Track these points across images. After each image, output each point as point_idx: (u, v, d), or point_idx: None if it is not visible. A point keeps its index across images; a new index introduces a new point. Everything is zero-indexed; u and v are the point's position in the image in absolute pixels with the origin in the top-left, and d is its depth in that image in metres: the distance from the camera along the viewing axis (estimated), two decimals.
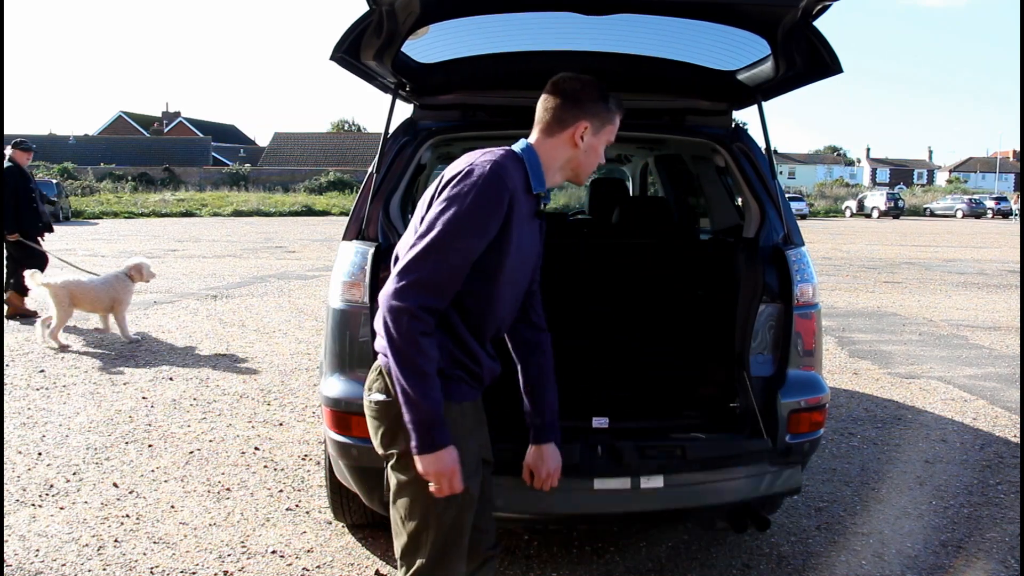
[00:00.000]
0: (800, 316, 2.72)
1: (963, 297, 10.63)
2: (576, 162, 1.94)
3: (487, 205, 1.75)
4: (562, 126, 1.90)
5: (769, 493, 2.57)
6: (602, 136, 1.94)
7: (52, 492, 3.64)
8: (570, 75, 1.94)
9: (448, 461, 1.76)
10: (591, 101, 1.91)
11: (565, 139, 1.91)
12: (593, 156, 1.95)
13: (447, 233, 1.73)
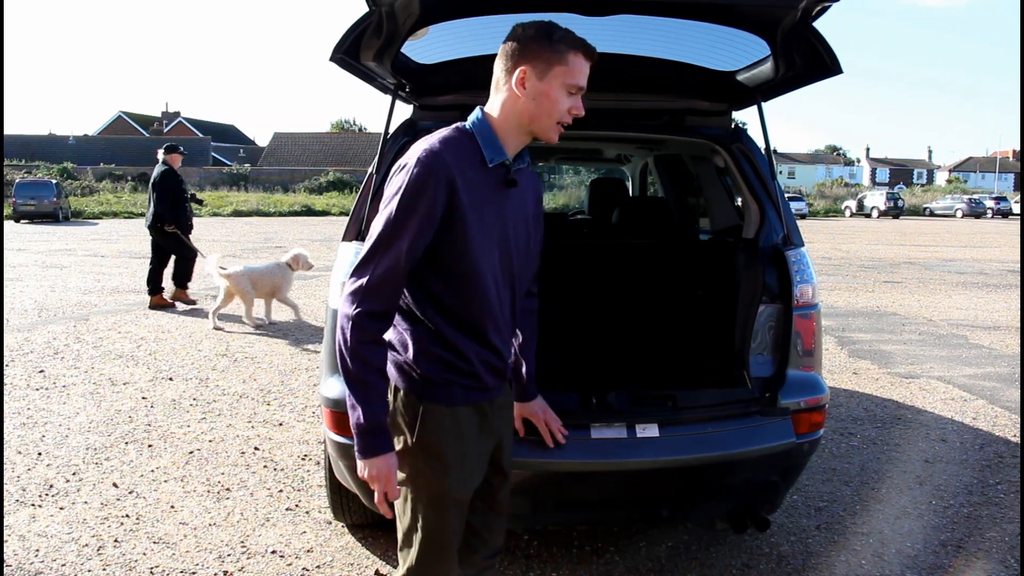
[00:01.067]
0: (800, 316, 2.72)
1: (963, 297, 10.64)
2: (527, 114, 1.74)
3: (413, 201, 1.67)
4: (506, 77, 1.75)
5: (764, 450, 2.55)
6: (552, 79, 1.72)
7: (52, 492, 3.64)
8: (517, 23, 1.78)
9: (383, 468, 1.73)
10: (530, 41, 1.72)
11: (508, 92, 1.75)
12: (546, 102, 1.73)
13: (381, 236, 1.69)
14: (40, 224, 27.69)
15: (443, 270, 1.75)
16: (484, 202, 1.74)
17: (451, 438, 1.80)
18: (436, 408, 1.79)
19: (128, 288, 10.82)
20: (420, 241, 1.69)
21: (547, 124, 1.77)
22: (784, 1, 2.22)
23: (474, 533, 1.96)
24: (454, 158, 1.71)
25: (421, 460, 1.79)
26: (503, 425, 1.97)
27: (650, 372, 3.21)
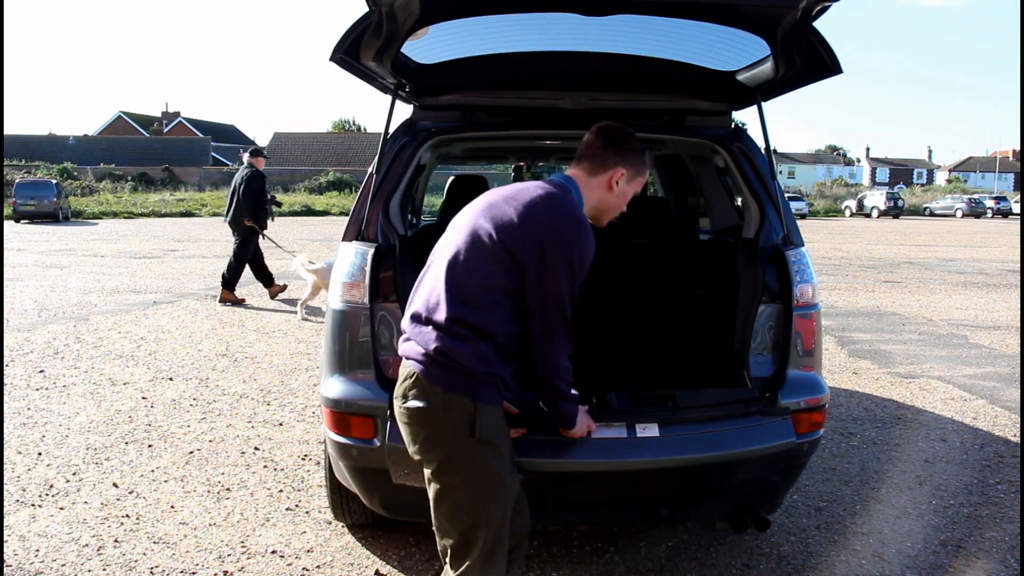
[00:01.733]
0: (800, 316, 2.72)
1: (963, 297, 10.64)
2: (606, 204, 2.08)
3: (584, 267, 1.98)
4: (603, 168, 2.05)
5: (764, 449, 2.55)
6: (633, 185, 2.09)
7: (52, 492, 3.64)
8: (615, 124, 2.11)
9: (583, 420, 2.22)
10: (631, 151, 2.07)
11: (603, 181, 2.05)
12: (622, 201, 2.10)
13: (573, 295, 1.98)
14: (40, 224, 27.70)
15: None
16: None
17: (503, 433, 1.97)
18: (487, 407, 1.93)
19: (128, 288, 10.83)
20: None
21: (612, 216, 2.14)
22: (784, 1, 2.22)
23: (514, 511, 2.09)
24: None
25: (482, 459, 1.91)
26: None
27: (650, 372, 3.22)
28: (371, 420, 2.51)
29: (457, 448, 1.89)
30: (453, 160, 5.85)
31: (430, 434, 1.92)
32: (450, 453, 1.88)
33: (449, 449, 1.89)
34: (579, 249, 1.92)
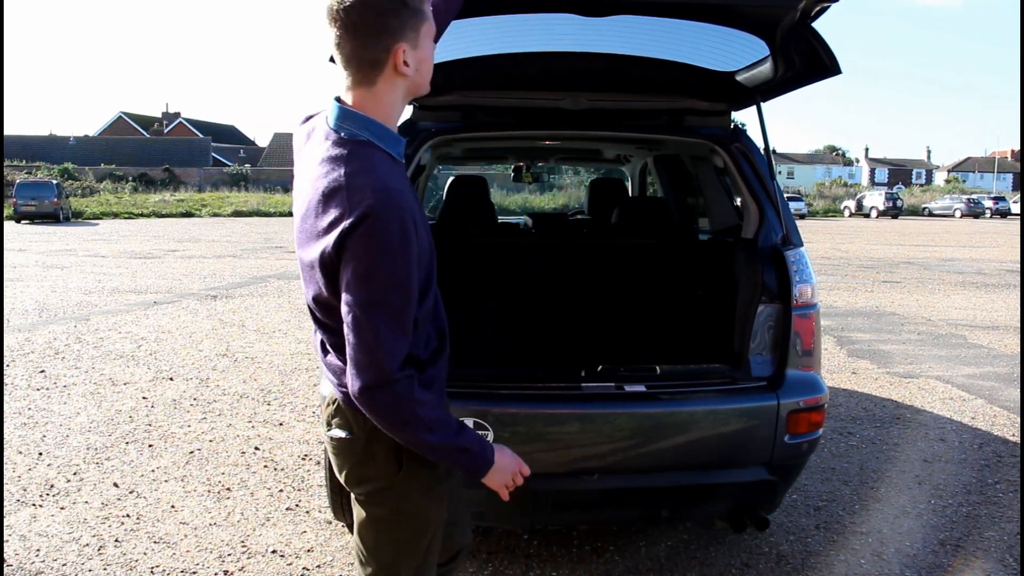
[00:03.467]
0: (799, 316, 2.73)
1: (962, 297, 10.65)
2: (414, 86, 1.59)
3: (403, 252, 1.47)
4: (378, 67, 1.52)
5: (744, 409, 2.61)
6: (423, 40, 1.56)
7: (52, 492, 3.64)
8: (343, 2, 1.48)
9: (509, 462, 1.67)
10: (392, 19, 1.49)
11: (388, 77, 1.53)
12: (425, 66, 1.58)
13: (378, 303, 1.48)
14: (41, 224, 27.70)
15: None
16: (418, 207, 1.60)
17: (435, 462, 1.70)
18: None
19: (129, 288, 10.83)
20: (415, 285, 1.52)
21: (427, 82, 1.63)
22: (784, 1, 2.23)
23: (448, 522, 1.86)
24: (394, 179, 1.51)
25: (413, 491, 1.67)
26: None
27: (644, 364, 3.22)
28: None
29: (383, 482, 1.66)
30: (453, 160, 5.87)
31: (355, 466, 1.67)
32: (377, 487, 1.66)
33: (375, 483, 1.66)
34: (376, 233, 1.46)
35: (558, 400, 2.56)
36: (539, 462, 2.56)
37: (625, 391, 2.61)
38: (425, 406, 1.53)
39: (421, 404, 1.52)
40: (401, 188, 1.49)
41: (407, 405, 1.51)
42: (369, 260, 1.44)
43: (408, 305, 1.50)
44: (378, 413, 1.52)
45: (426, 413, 1.53)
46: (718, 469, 2.67)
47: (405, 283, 1.47)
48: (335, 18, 1.49)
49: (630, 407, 2.56)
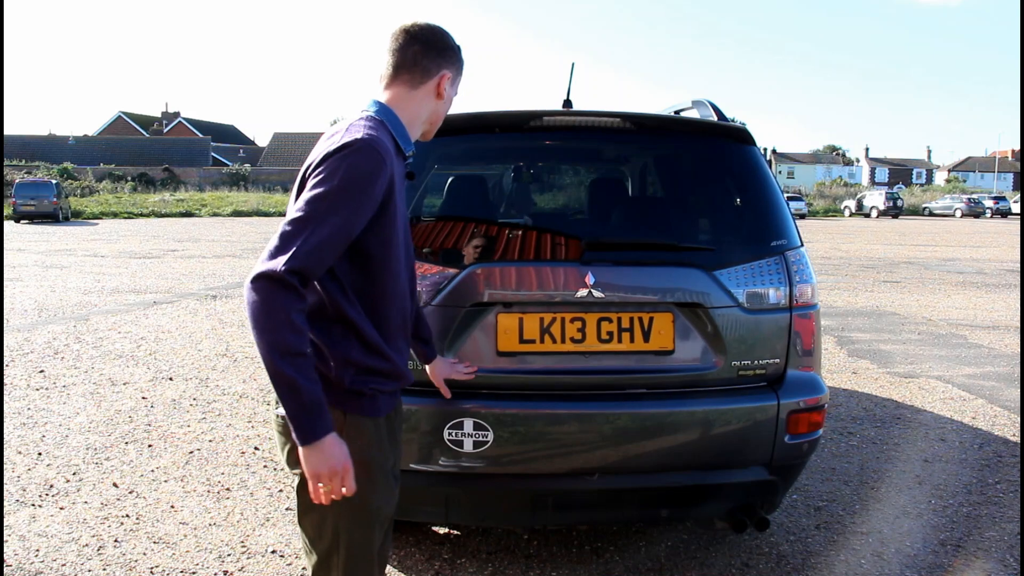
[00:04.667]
0: (799, 316, 2.72)
1: (962, 296, 10.65)
2: (436, 115, 1.83)
3: (360, 182, 1.59)
4: (425, 76, 1.77)
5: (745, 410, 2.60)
6: (455, 88, 1.86)
7: (52, 492, 3.64)
8: (425, 23, 1.80)
9: (338, 454, 1.57)
10: (450, 49, 1.80)
11: (430, 90, 1.78)
12: (447, 108, 1.85)
13: (317, 211, 1.56)
14: (40, 224, 27.71)
15: (366, 261, 1.67)
16: (401, 194, 1.75)
17: (376, 451, 1.72)
18: (358, 419, 1.70)
19: (128, 288, 10.83)
20: (357, 222, 1.60)
21: (438, 125, 1.89)
22: None
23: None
24: (388, 147, 1.68)
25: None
26: (398, 429, 1.92)
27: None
28: None
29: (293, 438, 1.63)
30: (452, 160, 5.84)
31: (294, 447, 1.62)
32: None
33: None
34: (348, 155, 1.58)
35: (558, 400, 2.55)
36: (539, 462, 2.57)
37: (625, 391, 2.59)
38: (297, 333, 1.51)
39: (293, 327, 1.50)
40: (389, 152, 1.65)
41: (277, 312, 1.49)
42: (331, 179, 1.58)
43: (338, 235, 1.57)
44: (250, 305, 1.51)
45: (292, 338, 1.50)
46: (718, 469, 2.67)
47: (349, 217, 1.58)
48: (414, 34, 1.77)
49: (630, 407, 2.56)
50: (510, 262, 2.60)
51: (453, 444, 2.48)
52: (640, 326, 2.59)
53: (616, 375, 2.61)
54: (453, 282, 2.54)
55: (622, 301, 2.58)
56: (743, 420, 2.61)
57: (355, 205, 1.58)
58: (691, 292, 2.60)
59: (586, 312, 2.58)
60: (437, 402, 2.51)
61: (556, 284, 2.55)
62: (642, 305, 2.60)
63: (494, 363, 2.57)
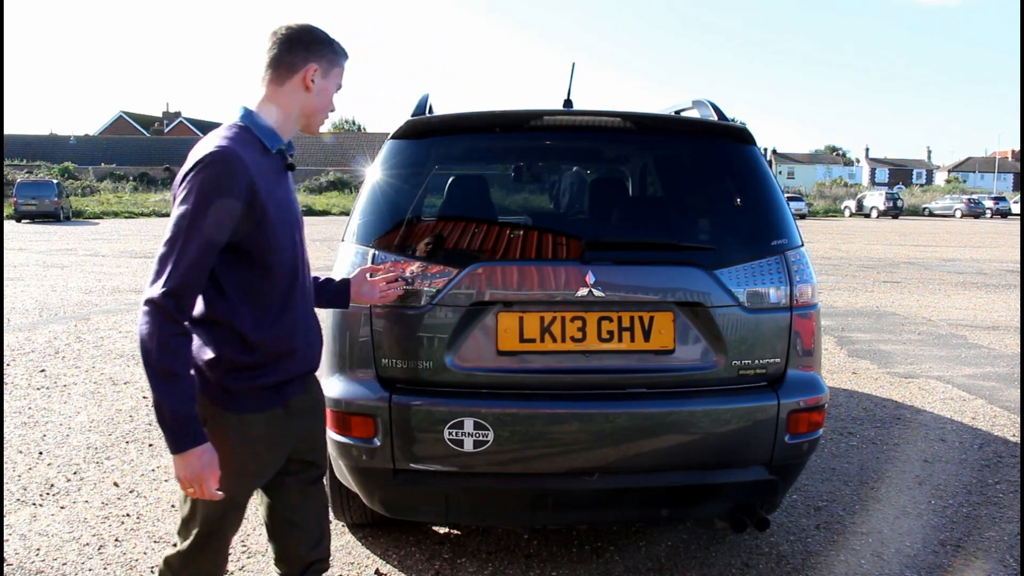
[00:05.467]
0: (799, 316, 2.73)
1: (962, 297, 10.65)
2: (310, 107, 1.90)
3: (215, 194, 1.69)
4: (291, 71, 1.86)
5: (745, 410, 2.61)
6: (331, 79, 1.92)
7: (53, 491, 3.65)
8: (291, 23, 1.91)
9: (197, 465, 1.75)
10: (317, 43, 1.89)
11: (296, 84, 1.87)
12: (325, 99, 1.92)
13: (183, 229, 1.68)
14: (41, 224, 27.71)
15: (247, 262, 1.79)
16: (271, 193, 1.81)
17: (238, 445, 1.85)
18: (225, 415, 1.83)
19: (129, 288, 10.83)
20: (223, 232, 1.72)
21: (321, 118, 1.95)
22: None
23: (292, 525, 2.05)
24: (244, 150, 1.76)
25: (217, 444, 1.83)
26: (304, 426, 2.00)
27: None
28: (371, 420, 2.52)
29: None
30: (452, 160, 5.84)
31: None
32: None
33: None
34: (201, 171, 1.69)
35: (558, 399, 2.56)
36: (539, 462, 2.58)
37: (626, 391, 2.60)
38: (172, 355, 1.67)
39: (167, 349, 1.66)
40: (240, 154, 1.73)
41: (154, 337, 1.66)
42: (188, 197, 1.70)
43: (205, 251, 1.69)
44: (137, 327, 1.70)
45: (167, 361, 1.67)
46: (718, 469, 2.67)
47: (211, 231, 1.69)
48: (279, 34, 1.86)
49: (630, 407, 2.56)
50: (511, 261, 2.60)
51: (453, 444, 2.48)
52: (640, 325, 2.60)
53: (616, 374, 2.61)
54: (453, 281, 2.54)
55: (622, 300, 2.58)
56: (743, 420, 2.61)
57: (215, 217, 1.69)
58: (691, 291, 2.60)
59: (586, 311, 2.58)
60: (438, 402, 2.51)
61: (557, 283, 2.55)
62: (642, 304, 2.60)
63: (494, 362, 2.57)
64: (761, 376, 2.68)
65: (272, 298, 1.84)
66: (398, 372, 2.56)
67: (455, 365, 2.55)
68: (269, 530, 2.10)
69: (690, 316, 2.62)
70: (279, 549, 2.09)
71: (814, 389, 2.72)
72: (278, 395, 1.90)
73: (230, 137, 1.78)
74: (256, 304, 1.82)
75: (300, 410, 1.97)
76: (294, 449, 1.98)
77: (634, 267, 2.64)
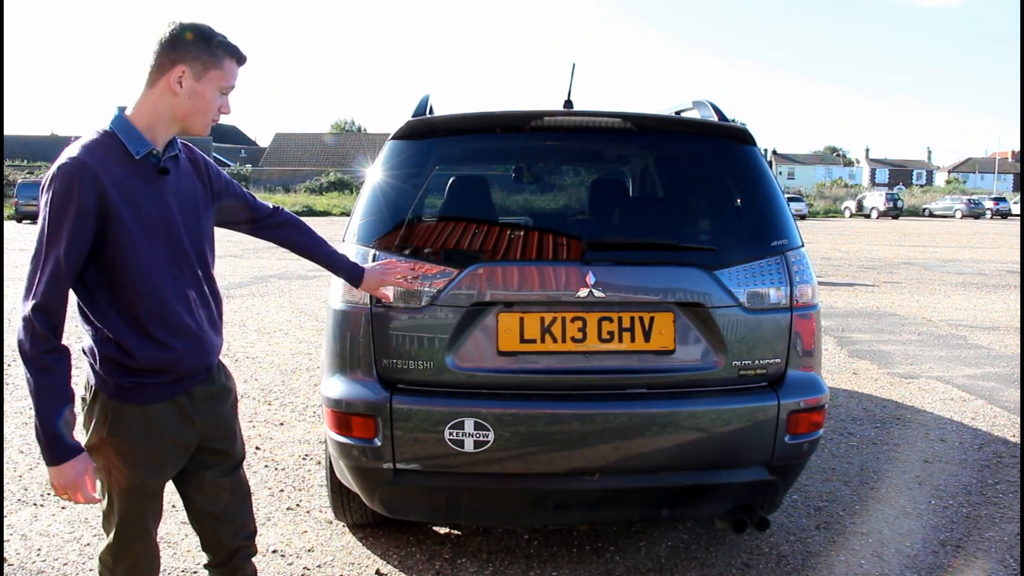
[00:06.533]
0: (799, 317, 2.73)
1: (962, 297, 10.65)
2: (181, 110, 1.84)
3: (63, 210, 1.72)
4: (160, 73, 1.81)
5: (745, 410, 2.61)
6: (208, 81, 1.84)
7: (54, 491, 3.64)
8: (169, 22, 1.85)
9: (70, 475, 1.78)
10: (188, 43, 1.82)
11: (164, 88, 1.82)
12: (200, 102, 1.85)
13: (39, 249, 1.76)
14: None
15: (110, 271, 1.81)
16: (138, 194, 1.81)
17: (140, 434, 1.89)
18: (125, 407, 1.88)
19: None
20: (77, 246, 1.74)
21: (201, 121, 1.90)
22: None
23: (215, 518, 2.08)
24: (97, 160, 1.75)
25: (112, 455, 1.88)
26: (211, 413, 2.03)
27: None
28: (372, 420, 2.52)
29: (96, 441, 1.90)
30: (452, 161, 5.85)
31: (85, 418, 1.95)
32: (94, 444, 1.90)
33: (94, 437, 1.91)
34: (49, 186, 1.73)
35: (559, 400, 2.56)
36: (539, 462, 2.58)
37: (626, 391, 2.60)
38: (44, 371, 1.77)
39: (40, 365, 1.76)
40: (90, 164, 1.73)
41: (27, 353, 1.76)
42: (42, 213, 1.75)
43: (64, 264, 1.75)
44: (16, 344, 1.78)
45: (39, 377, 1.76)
46: (718, 469, 2.67)
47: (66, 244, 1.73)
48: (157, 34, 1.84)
49: (631, 407, 2.56)
50: (511, 262, 2.60)
51: (454, 444, 2.49)
52: (641, 326, 2.60)
53: (617, 375, 2.61)
54: (454, 282, 2.54)
55: (623, 301, 2.58)
56: (743, 420, 2.61)
57: (67, 231, 1.72)
58: (692, 292, 2.60)
59: (587, 312, 2.58)
60: (438, 402, 2.51)
61: (557, 284, 2.55)
62: (643, 305, 2.60)
63: (495, 363, 2.58)
64: (761, 376, 2.68)
65: (143, 309, 1.85)
66: (398, 372, 2.57)
67: (455, 365, 2.55)
68: (192, 523, 2.13)
69: (690, 316, 2.62)
70: (204, 538, 2.13)
71: (814, 389, 2.72)
72: (177, 387, 1.94)
73: (86, 145, 1.78)
74: (128, 315, 1.85)
75: (204, 397, 2.00)
76: (204, 437, 2.01)
77: (634, 268, 2.64)
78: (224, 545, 2.11)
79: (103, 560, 2.02)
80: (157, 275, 1.86)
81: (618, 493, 2.67)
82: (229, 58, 1.88)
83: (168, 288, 1.89)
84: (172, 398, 1.93)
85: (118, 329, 1.85)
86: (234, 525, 2.11)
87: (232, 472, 2.11)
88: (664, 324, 2.61)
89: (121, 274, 1.82)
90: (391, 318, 2.58)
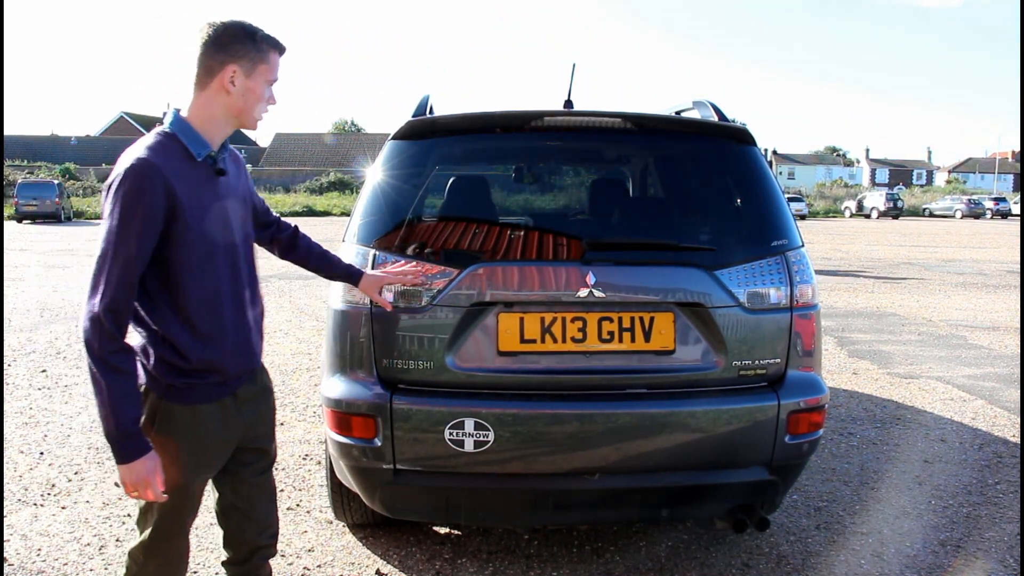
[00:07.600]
0: (799, 317, 2.73)
1: (962, 297, 10.65)
2: (236, 108, 1.89)
3: (134, 209, 1.73)
4: (210, 75, 1.85)
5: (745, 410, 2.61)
6: (257, 76, 1.88)
7: (54, 491, 3.65)
8: (212, 21, 1.87)
9: (142, 472, 1.80)
10: (235, 43, 1.85)
11: (216, 88, 1.86)
12: (252, 97, 1.89)
13: (108, 248, 1.74)
14: (42, 224, 27.71)
15: (170, 271, 1.82)
16: (201, 195, 1.85)
17: (188, 434, 1.91)
18: (175, 407, 1.89)
19: None
20: (145, 246, 1.76)
21: (254, 116, 1.93)
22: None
23: (243, 515, 2.11)
24: (164, 161, 1.78)
25: (160, 454, 1.87)
26: (253, 412, 2.06)
27: None
28: (372, 420, 2.52)
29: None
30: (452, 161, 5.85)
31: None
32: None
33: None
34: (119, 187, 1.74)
35: (559, 400, 2.56)
36: (539, 462, 2.58)
37: (626, 391, 2.60)
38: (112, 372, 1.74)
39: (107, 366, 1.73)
40: (158, 166, 1.75)
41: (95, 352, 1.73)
42: (112, 214, 1.73)
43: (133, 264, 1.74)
44: (84, 343, 1.76)
45: (107, 377, 1.74)
46: (718, 469, 2.67)
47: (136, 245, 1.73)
48: (201, 36, 1.84)
49: (631, 407, 2.56)
50: (511, 262, 2.60)
51: (454, 444, 2.49)
52: (641, 326, 2.60)
53: (617, 375, 2.62)
54: (454, 282, 2.55)
55: (623, 301, 2.59)
56: (743, 420, 2.62)
57: (137, 232, 1.74)
58: (692, 292, 2.60)
59: (587, 312, 2.58)
60: (438, 402, 2.52)
61: (557, 284, 2.56)
62: (643, 305, 2.60)
63: (495, 363, 2.58)
64: (761, 376, 2.69)
65: (201, 310, 1.87)
66: (399, 372, 2.57)
67: (456, 365, 2.55)
68: (220, 519, 2.15)
69: (690, 317, 2.62)
70: (229, 535, 2.15)
71: (814, 389, 2.72)
72: (225, 388, 1.96)
73: (151, 147, 1.80)
74: (184, 316, 1.85)
75: (248, 397, 2.03)
76: (244, 436, 2.04)
77: (635, 268, 2.64)
78: (247, 543, 2.13)
79: (133, 556, 2.02)
80: (216, 276, 1.88)
81: (618, 493, 2.67)
82: (273, 51, 1.92)
83: (225, 289, 1.91)
84: (219, 399, 1.95)
85: (174, 330, 1.85)
86: (260, 524, 2.13)
87: (265, 472, 2.13)
88: (664, 324, 2.61)
89: (181, 275, 1.83)
90: (391, 318, 2.58)
